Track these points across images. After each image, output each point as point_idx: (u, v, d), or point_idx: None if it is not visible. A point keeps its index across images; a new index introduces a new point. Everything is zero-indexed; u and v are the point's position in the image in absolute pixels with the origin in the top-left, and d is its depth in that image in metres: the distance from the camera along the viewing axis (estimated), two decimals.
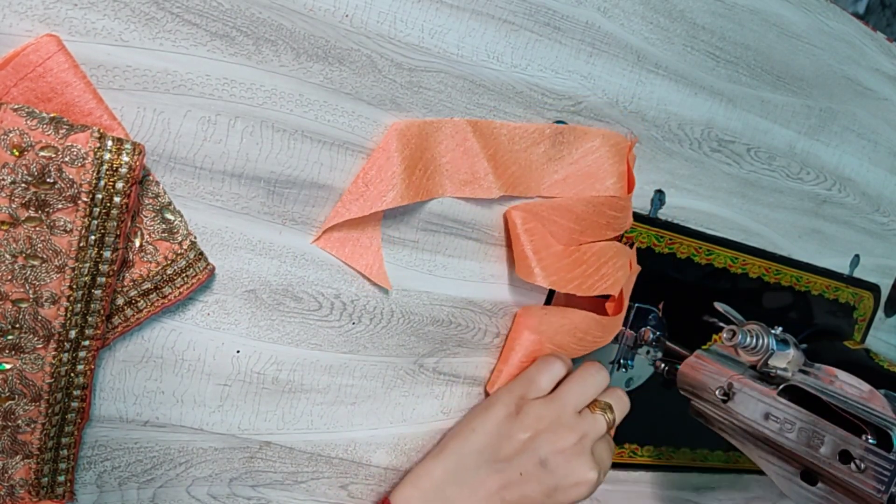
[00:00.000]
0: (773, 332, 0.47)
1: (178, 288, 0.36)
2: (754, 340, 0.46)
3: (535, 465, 0.44)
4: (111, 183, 0.32)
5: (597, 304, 0.50)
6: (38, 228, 0.31)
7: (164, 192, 0.35)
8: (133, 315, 0.35)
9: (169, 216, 0.35)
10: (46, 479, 0.35)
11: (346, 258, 0.41)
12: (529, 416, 0.45)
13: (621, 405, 0.48)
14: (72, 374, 0.34)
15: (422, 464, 0.45)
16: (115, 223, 0.32)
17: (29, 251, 0.31)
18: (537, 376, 0.46)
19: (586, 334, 0.49)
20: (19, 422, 0.33)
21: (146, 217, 0.34)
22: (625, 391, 0.50)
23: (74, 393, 0.34)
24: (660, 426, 0.60)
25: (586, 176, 0.47)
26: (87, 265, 0.32)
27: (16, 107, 0.30)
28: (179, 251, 0.35)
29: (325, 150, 0.39)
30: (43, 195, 0.31)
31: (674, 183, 0.53)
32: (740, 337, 0.46)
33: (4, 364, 0.32)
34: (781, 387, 0.45)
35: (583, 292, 0.47)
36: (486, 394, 0.49)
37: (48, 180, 0.30)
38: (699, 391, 0.49)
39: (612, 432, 0.49)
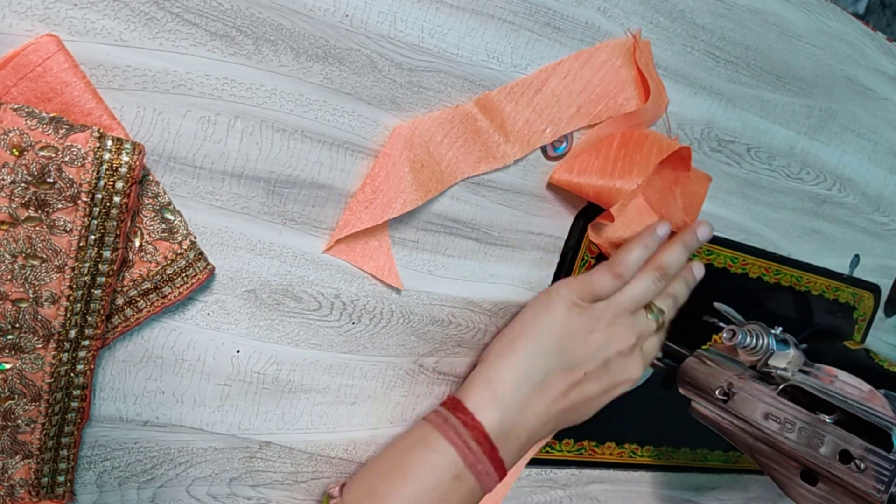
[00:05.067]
0: (773, 332, 0.47)
1: (178, 288, 0.36)
2: (754, 340, 0.46)
3: (599, 364, 0.45)
4: (111, 183, 0.32)
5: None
6: (37, 228, 0.31)
7: (164, 192, 0.35)
8: (133, 315, 0.35)
9: (169, 216, 0.35)
10: (46, 479, 0.35)
11: (358, 262, 0.41)
12: (593, 316, 0.45)
13: (671, 307, 0.50)
14: (72, 374, 0.34)
15: (490, 364, 0.44)
16: (115, 223, 0.32)
17: (29, 251, 0.31)
18: (600, 285, 0.47)
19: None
20: (19, 422, 0.33)
21: (146, 217, 0.34)
22: (685, 286, 0.51)
23: (74, 393, 0.34)
24: (660, 426, 0.60)
25: (599, 99, 0.45)
26: (87, 265, 0.32)
27: (16, 107, 0.30)
28: (179, 251, 0.35)
29: (325, 150, 0.39)
30: (43, 195, 0.31)
31: None
32: (740, 337, 0.46)
33: (4, 364, 0.32)
34: (781, 387, 0.45)
35: (664, 153, 0.46)
36: None
37: (48, 180, 0.30)
38: (699, 391, 0.49)
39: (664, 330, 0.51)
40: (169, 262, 0.35)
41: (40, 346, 0.33)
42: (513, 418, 0.43)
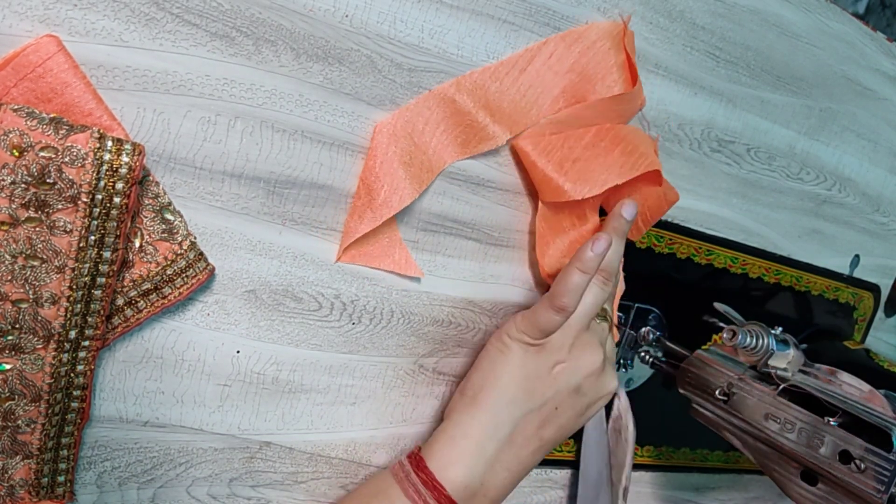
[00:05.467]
0: (773, 332, 0.47)
1: (178, 288, 0.36)
2: (754, 340, 0.46)
3: (570, 394, 0.44)
4: (111, 183, 0.32)
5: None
6: (38, 229, 0.31)
7: (164, 193, 0.35)
8: (133, 315, 0.35)
9: (169, 216, 0.35)
10: (46, 479, 0.35)
11: (374, 263, 0.41)
12: (551, 347, 0.43)
13: (613, 303, 0.48)
14: (72, 375, 0.34)
15: (454, 422, 0.43)
16: (115, 223, 0.32)
17: (29, 251, 0.31)
18: (546, 324, 0.43)
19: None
20: (19, 422, 0.33)
21: (146, 217, 0.34)
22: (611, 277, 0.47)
23: (74, 393, 0.34)
24: (660, 426, 0.60)
25: (584, 81, 0.43)
26: (87, 265, 0.32)
27: (16, 107, 0.30)
28: (179, 251, 0.35)
29: (325, 150, 0.39)
30: (43, 195, 0.31)
31: (674, 183, 0.53)
32: (740, 337, 0.46)
33: (4, 364, 0.32)
34: (781, 387, 0.45)
35: (628, 173, 0.43)
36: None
37: (48, 181, 0.30)
38: (699, 391, 0.49)
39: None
40: (169, 262, 0.35)
41: (40, 346, 0.33)
42: (480, 477, 0.41)
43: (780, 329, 0.47)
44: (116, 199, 0.32)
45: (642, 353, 0.55)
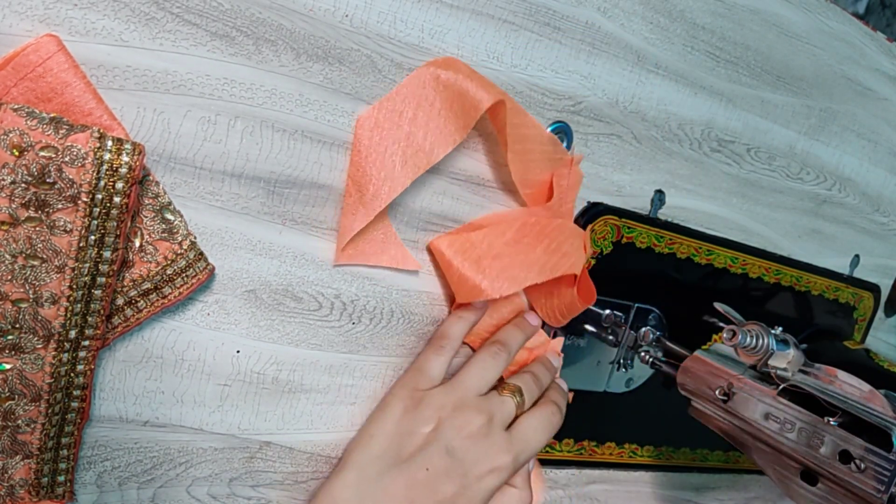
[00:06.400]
0: (773, 332, 0.47)
1: (178, 288, 0.36)
2: (754, 340, 0.46)
3: (442, 455, 0.39)
4: (111, 183, 0.32)
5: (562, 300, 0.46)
6: (38, 228, 0.31)
7: (164, 192, 0.35)
8: (133, 315, 0.35)
9: (169, 216, 0.35)
10: (46, 479, 0.35)
11: (372, 261, 0.41)
12: (429, 406, 0.41)
13: (530, 386, 0.45)
14: (72, 374, 0.34)
15: (324, 484, 0.41)
16: (115, 223, 0.32)
17: (29, 251, 0.31)
18: (426, 364, 0.43)
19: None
20: (19, 422, 0.33)
21: (146, 217, 0.34)
22: (543, 370, 0.47)
23: (74, 393, 0.34)
24: (660, 426, 0.60)
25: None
26: (87, 265, 0.32)
27: (16, 107, 0.30)
28: (179, 251, 0.35)
29: (325, 150, 0.39)
30: (43, 195, 0.31)
31: (674, 183, 0.53)
32: (740, 337, 0.46)
33: (4, 364, 0.32)
34: (781, 387, 0.45)
35: (548, 274, 0.42)
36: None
37: (48, 180, 0.30)
38: (699, 391, 0.49)
39: (561, 409, 0.46)
40: (169, 262, 0.35)
41: (40, 346, 0.33)
42: None
43: (780, 329, 0.47)
44: (116, 199, 0.32)
45: (642, 353, 0.55)
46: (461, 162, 0.43)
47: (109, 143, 0.31)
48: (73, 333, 0.33)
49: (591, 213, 0.49)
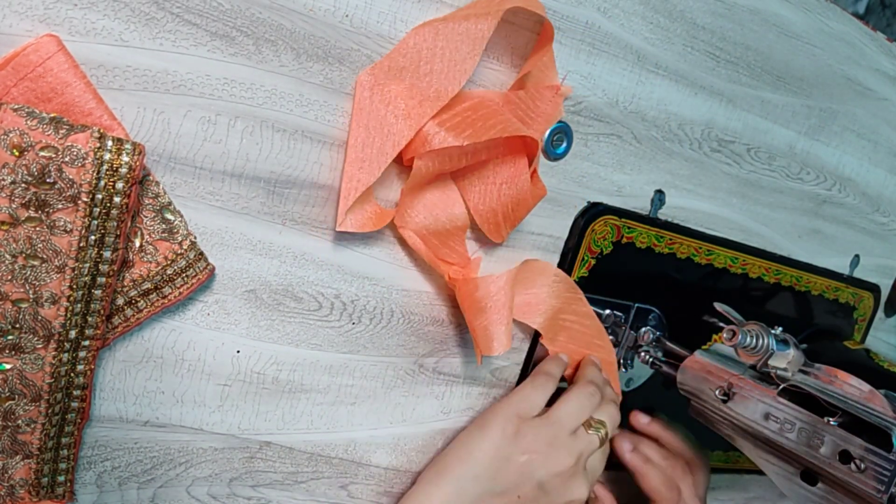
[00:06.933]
0: (773, 332, 0.47)
1: (178, 288, 0.36)
2: (754, 340, 0.46)
3: (534, 487, 0.44)
4: (111, 183, 0.32)
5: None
6: (38, 228, 0.31)
7: (164, 192, 0.35)
8: (133, 315, 0.35)
9: (169, 216, 0.35)
10: (46, 479, 0.35)
11: (373, 226, 0.39)
12: (527, 437, 0.45)
13: (613, 420, 0.49)
14: (72, 374, 0.34)
15: (419, 490, 0.45)
16: (115, 223, 0.32)
17: (29, 251, 0.31)
18: (532, 394, 0.47)
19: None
20: (19, 422, 0.33)
21: (146, 217, 0.34)
22: (616, 404, 0.50)
23: (74, 393, 0.34)
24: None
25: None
26: (87, 265, 0.32)
27: (16, 107, 0.30)
28: (179, 251, 0.35)
29: (325, 150, 0.39)
30: (43, 195, 0.31)
31: (674, 183, 0.53)
32: (740, 337, 0.46)
33: (4, 364, 0.32)
34: (781, 387, 0.45)
35: (513, 131, 0.40)
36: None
37: (48, 180, 0.30)
38: (699, 391, 0.49)
39: (607, 443, 0.49)
40: (169, 262, 0.35)
41: (40, 346, 0.33)
42: None
43: (780, 329, 0.47)
44: (116, 199, 0.32)
45: (642, 353, 0.55)
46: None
47: (109, 143, 0.31)
48: (73, 333, 0.33)
49: (591, 213, 0.49)
